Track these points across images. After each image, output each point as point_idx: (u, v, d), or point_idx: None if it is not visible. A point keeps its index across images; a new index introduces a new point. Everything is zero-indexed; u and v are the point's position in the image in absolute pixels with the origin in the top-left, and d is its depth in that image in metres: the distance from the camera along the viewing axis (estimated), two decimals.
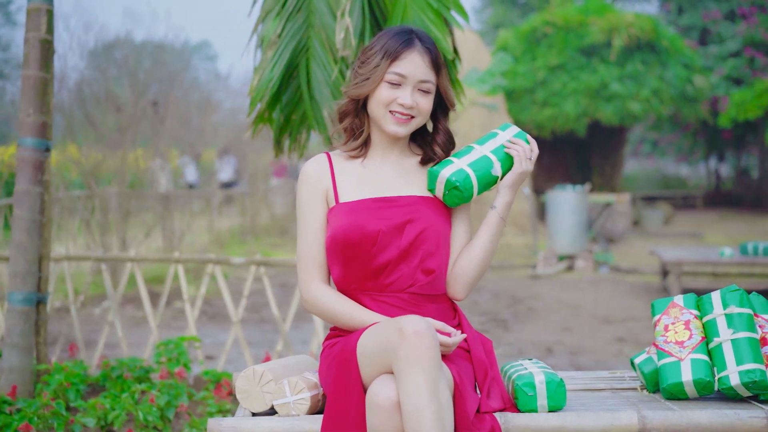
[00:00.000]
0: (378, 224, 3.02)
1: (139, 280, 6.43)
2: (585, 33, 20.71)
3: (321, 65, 5.02)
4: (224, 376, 5.64)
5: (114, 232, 11.32)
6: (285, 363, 3.21)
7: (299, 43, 5.05)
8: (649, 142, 34.45)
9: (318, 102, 5.02)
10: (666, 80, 20.93)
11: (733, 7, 27.32)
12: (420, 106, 3.08)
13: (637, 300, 11.23)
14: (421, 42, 3.09)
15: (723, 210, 26.86)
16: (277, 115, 5.16)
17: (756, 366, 3.03)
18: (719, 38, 27.07)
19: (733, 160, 35.25)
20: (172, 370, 5.52)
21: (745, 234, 19.19)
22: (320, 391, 3.06)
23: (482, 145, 3.13)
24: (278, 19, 5.08)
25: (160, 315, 6.46)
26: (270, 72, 5.01)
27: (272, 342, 8.23)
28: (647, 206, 23.37)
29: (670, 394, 3.13)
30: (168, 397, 4.96)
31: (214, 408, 5.08)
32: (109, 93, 11.92)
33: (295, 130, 5.24)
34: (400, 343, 2.68)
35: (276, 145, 5.27)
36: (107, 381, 5.54)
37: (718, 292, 3.21)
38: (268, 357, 5.81)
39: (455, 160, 3.09)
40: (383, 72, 3.07)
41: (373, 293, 3.05)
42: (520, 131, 3.17)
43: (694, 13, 28.11)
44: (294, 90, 5.14)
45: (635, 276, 13.58)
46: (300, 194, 3.16)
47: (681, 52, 21.53)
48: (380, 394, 2.71)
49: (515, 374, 3.07)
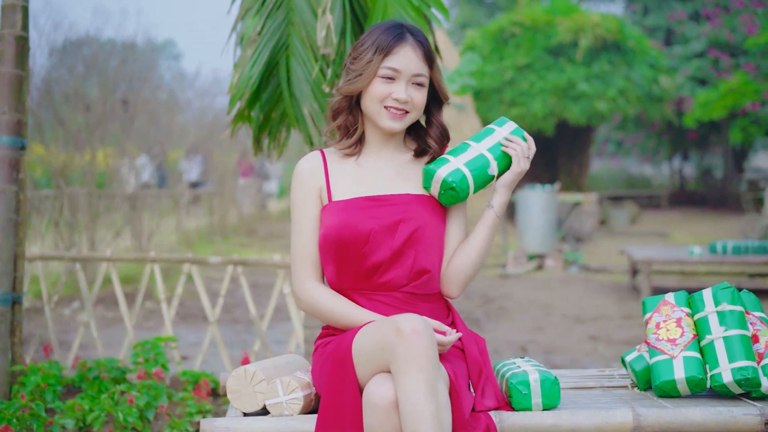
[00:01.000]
0: (370, 223, 2.99)
1: (114, 280, 6.37)
2: (552, 33, 20.78)
3: (301, 63, 4.99)
4: (203, 376, 5.61)
5: (83, 231, 11.21)
6: (275, 363, 3.18)
7: (279, 40, 5.02)
8: (613, 142, 34.65)
9: (298, 100, 4.98)
10: (632, 80, 21.06)
11: (697, 8, 27.53)
12: (414, 100, 3.05)
13: (608, 299, 11.28)
14: (413, 36, 3.07)
15: (687, 209, 27.08)
16: (257, 114, 5.12)
17: (748, 363, 3.04)
18: (684, 39, 27.27)
19: (696, 160, 35.55)
20: (149, 370, 5.47)
21: (710, 233, 19.36)
22: (313, 391, 3.04)
23: (478, 143, 3.09)
24: (258, 17, 5.04)
25: (136, 315, 6.40)
26: (250, 70, 4.97)
27: (245, 342, 8.18)
28: (613, 206, 23.51)
29: (663, 392, 3.13)
30: (147, 398, 4.90)
31: (194, 408, 5.03)
32: (78, 91, 11.80)
33: (274, 128, 5.20)
34: (398, 342, 2.66)
35: (255, 143, 5.23)
36: (84, 382, 5.48)
37: (709, 289, 3.21)
38: (246, 357, 5.77)
39: (451, 158, 3.06)
40: (376, 67, 3.04)
41: (367, 292, 3.02)
42: (517, 127, 3.14)
43: (659, 14, 28.31)
44: (274, 88, 5.10)
45: (604, 275, 13.64)
46: (294, 192, 3.13)
47: (647, 53, 21.68)
48: (377, 394, 2.68)
49: (509, 372, 3.06)
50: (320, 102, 4.97)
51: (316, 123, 4.97)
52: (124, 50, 12.97)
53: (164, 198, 15.24)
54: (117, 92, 12.09)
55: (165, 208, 15.14)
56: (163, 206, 14.84)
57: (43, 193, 11.07)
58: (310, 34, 4.95)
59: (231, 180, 19.27)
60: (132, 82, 13.01)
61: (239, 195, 20.89)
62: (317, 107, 4.96)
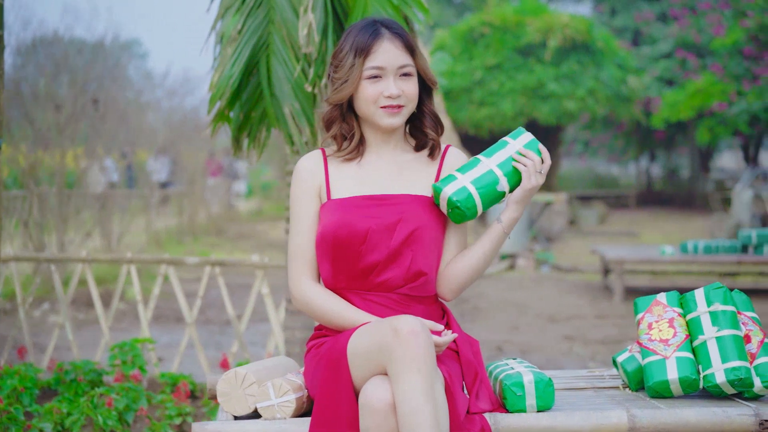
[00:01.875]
0: (368, 222, 2.96)
1: (90, 281, 6.29)
2: (521, 33, 20.86)
3: (282, 62, 4.94)
4: (182, 378, 5.55)
5: (52, 232, 11.09)
6: (266, 365, 3.13)
7: (260, 39, 4.97)
8: (580, 142, 34.83)
9: (279, 99, 4.94)
10: (601, 80, 21.18)
11: (664, 9, 27.72)
12: (406, 91, 3.01)
13: (580, 298, 11.30)
14: (389, 29, 3.03)
15: (655, 209, 27.24)
16: (236, 113, 5.07)
17: (741, 363, 3.03)
18: (651, 40, 27.45)
19: (663, 161, 35.79)
20: (127, 372, 5.42)
21: (679, 233, 19.47)
22: (305, 393, 2.99)
23: (489, 158, 3.01)
24: (238, 15, 4.99)
25: (112, 317, 6.33)
26: (230, 68, 4.92)
27: (220, 343, 8.12)
28: (583, 205, 23.60)
29: (656, 393, 3.12)
30: (126, 401, 4.85)
31: (174, 411, 4.98)
32: (47, 90, 11.67)
33: (254, 128, 5.15)
34: (396, 344, 2.63)
35: (235, 143, 5.18)
36: (60, 385, 5.42)
37: (701, 289, 3.20)
38: (225, 359, 5.72)
39: (459, 175, 2.97)
40: (360, 70, 3.01)
41: (362, 292, 2.98)
42: (532, 139, 3.04)
43: (627, 15, 28.48)
44: (254, 87, 5.05)
45: (576, 274, 13.68)
46: (293, 190, 3.10)
47: (615, 53, 21.82)
48: (374, 396, 2.65)
49: (502, 374, 3.04)
50: (301, 101, 4.93)
51: (297, 122, 4.93)
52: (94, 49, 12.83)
53: (134, 198, 15.13)
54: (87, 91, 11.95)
55: (134, 208, 15.04)
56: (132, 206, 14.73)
57: (12, 193, 10.94)
58: (291, 32, 4.91)
59: (200, 180, 19.17)
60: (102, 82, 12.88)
61: (208, 195, 20.78)
62: (298, 107, 4.92)
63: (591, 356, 7.86)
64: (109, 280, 10.80)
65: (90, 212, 12.49)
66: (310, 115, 4.96)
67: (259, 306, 9.17)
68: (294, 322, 5.19)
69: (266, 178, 29.79)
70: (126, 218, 13.37)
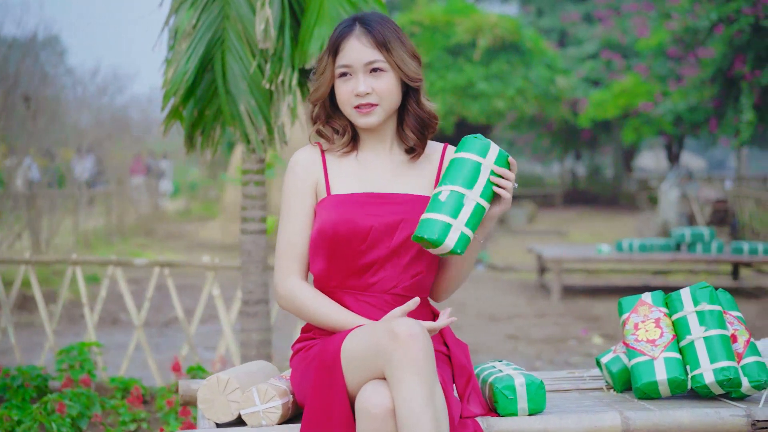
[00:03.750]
0: (370, 220, 2.87)
1: (34, 283, 6.10)
2: (451, 33, 20.91)
3: (237, 58, 4.84)
4: (134, 383, 5.40)
5: None
6: (248, 370, 3.03)
7: (215, 35, 4.87)
8: (505, 142, 35.08)
9: (234, 96, 4.84)
10: (530, 80, 21.32)
11: (590, 10, 28.03)
12: (377, 89, 2.90)
13: (519, 297, 11.34)
14: (362, 24, 2.93)
15: (581, 208, 27.56)
16: (190, 110, 4.94)
17: (729, 363, 3.01)
18: (577, 41, 27.73)
19: (586, 160, 36.22)
20: (75, 377, 5.26)
21: (606, 231, 19.71)
22: (290, 399, 2.90)
23: (471, 189, 2.80)
24: (193, 10, 4.88)
25: (57, 320, 6.14)
26: (185, 65, 4.80)
27: (159, 346, 7.95)
28: (512, 204, 23.71)
29: (643, 394, 3.08)
30: (80, 407, 4.69)
31: (128, 417, 4.85)
32: None
33: (208, 125, 5.03)
34: (394, 347, 2.54)
35: (188, 141, 5.06)
36: (6, 391, 5.24)
37: (687, 289, 3.17)
38: (177, 362, 5.58)
39: (452, 220, 2.76)
40: (332, 69, 2.95)
41: (355, 292, 2.90)
42: (500, 152, 2.86)
43: (553, 16, 28.76)
44: (208, 84, 4.94)
45: (511, 273, 13.74)
46: (288, 182, 2.99)
47: (543, 53, 21.99)
48: (372, 401, 2.56)
49: (492, 377, 2.97)
50: (257, 99, 4.83)
51: (253, 120, 4.83)
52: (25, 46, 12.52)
53: (60, 198, 14.80)
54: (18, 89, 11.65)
55: (61, 208, 14.70)
56: (59, 206, 14.40)
57: None
58: (246, 28, 4.81)
59: (128, 179, 18.86)
60: (31, 79, 12.58)
61: (134, 194, 20.45)
62: (254, 104, 4.82)
63: (536, 355, 7.86)
64: (42, 282, 10.53)
65: (16, 213, 12.17)
66: (267, 112, 4.86)
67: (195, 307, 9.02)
68: (251, 324, 5.07)
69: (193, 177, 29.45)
70: (55, 219, 13.05)
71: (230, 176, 17.09)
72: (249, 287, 5.08)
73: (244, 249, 5.09)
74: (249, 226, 5.09)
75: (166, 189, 27.99)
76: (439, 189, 2.81)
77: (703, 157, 50.54)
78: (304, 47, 4.71)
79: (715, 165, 53.99)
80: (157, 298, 9.72)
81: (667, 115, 20.69)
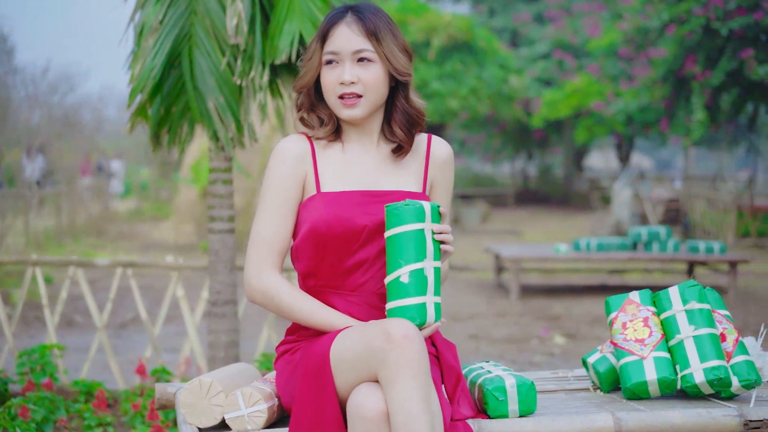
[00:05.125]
0: (364, 219, 2.78)
1: None
2: (405, 32, 20.87)
3: (205, 54, 4.75)
4: (98, 386, 5.28)
5: None
6: (229, 372, 2.94)
7: (182, 30, 4.77)
8: (456, 141, 35.14)
9: (202, 93, 4.75)
10: (483, 79, 21.38)
11: (541, 11, 28.15)
12: (363, 79, 2.80)
13: (477, 297, 11.31)
14: (354, 12, 2.84)
15: (533, 207, 27.66)
16: (156, 108, 4.84)
17: (719, 363, 2.97)
18: (529, 41, 27.84)
19: (537, 160, 36.40)
20: (37, 381, 5.13)
21: (560, 230, 19.79)
22: (276, 402, 2.81)
23: (425, 259, 2.67)
24: (159, 5, 4.78)
25: (16, 322, 6.00)
26: (152, 61, 4.70)
27: (116, 347, 7.80)
28: (465, 204, 23.78)
29: (633, 394, 3.03)
30: (44, 412, 4.57)
31: (94, 421, 4.73)
32: None
33: (175, 123, 4.93)
34: (389, 349, 2.46)
35: (153, 139, 4.95)
36: None
37: (675, 287, 3.13)
38: (141, 365, 5.46)
39: (423, 299, 2.65)
40: (319, 55, 2.85)
41: (343, 292, 2.81)
42: (432, 208, 2.72)
43: (505, 16, 28.84)
44: (175, 80, 4.84)
45: (468, 273, 13.72)
46: (274, 172, 2.85)
47: (497, 53, 22.06)
48: (366, 405, 2.48)
49: (481, 378, 2.91)
50: (226, 95, 4.74)
51: (222, 117, 4.74)
52: None
53: (10, 198, 14.54)
54: None
55: (11, 209, 14.44)
56: (8, 207, 14.14)
57: None
58: (215, 23, 4.72)
59: (79, 179, 18.58)
60: None
61: (84, 195, 20.16)
62: (223, 101, 4.73)
63: (499, 355, 7.84)
64: None
65: None
66: (236, 109, 4.77)
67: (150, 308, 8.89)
68: (219, 326, 4.97)
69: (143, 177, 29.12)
70: (6, 219, 12.81)
71: (183, 176, 16.93)
72: (217, 287, 4.98)
73: (212, 248, 4.99)
74: (216, 226, 5.00)
75: (117, 189, 27.66)
76: (398, 273, 2.66)
77: (650, 157, 51.06)
78: (274, 42, 4.62)
79: (662, 165, 54.58)
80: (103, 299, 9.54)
81: (618, 114, 20.85)
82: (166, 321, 8.31)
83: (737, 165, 50.51)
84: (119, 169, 28.57)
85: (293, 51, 4.55)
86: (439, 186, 2.98)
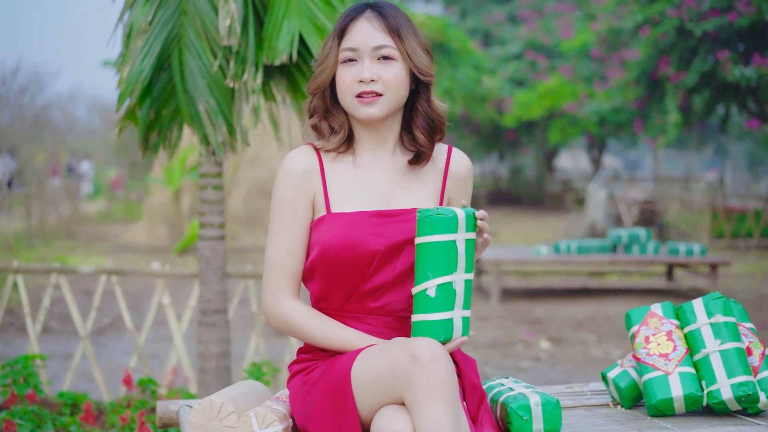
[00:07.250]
0: (376, 243, 2.61)
1: None
2: None
3: (196, 56, 4.60)
4: (84, 398, 5.12)
5: None
6: (240, 391, 2.79)
7: (171, 31, 4.62)
8: None
9: (192, 96, 4.60)
10: (457, 80, 21.31)
11: (513, 11, 28.12)
12: (384, 77, 2.64)
13: None
14: (373, 8, 2.69)
15: (506, 208, 27.58)
16: (145, 111, 4.69)
17: (747, 378, 2.86)
18: (501, 41, 27.80)
19: (509, 160, 36.40)
20: (21, 393, 4.96)
21: (535, 232, 19.75)
22: (290, 423, 2.68)
23: (455, 272, 2.52)
24: (149, 6, 4.63)
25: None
26: (141, 63, 4.55)
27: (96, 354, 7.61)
28: None
29: (657, 411, 2.91)
30: (31, 426, 4.41)
31: None
32: None
33: (165, 126, 4.79)
34: (415, 371, 2.33)
35: (143, 143, 4.80)
36: None
37: (699, 300, 3.01)
38: (128, 375, 5.31)
39: (450, 314, 2.52)
40: (336, 52, 2.68)
41: (358, 315, 2.66)
42: (467, 218, 2.54)
43: (477, 16, 28.77)
44: (165, 83, 4.69)
45: None
46: (281, 191, 2.70)
47: (470, 54, 22.01)
48: (392, 428, 2.34)
49: (503, 396, 2.78)
50: (217, 98, 4.60)
51: (213, 120, 4.60)
52: None
53: None
54: None
55: None
56: None
57: None
58: (205, 24, 4.58)
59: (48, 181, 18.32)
60: None
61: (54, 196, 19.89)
62: (214, 104, 4.59)
63: (485, 360, 7.75)
64: None
65: None
66: (227, 112, 4.63)
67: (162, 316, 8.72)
68: (209, 335, 4.83)
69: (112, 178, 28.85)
70: None
71: (156, 178, 16.71)
72: (207, 296, 4.83)
73: (202, 256, 4.85)
74: (207, 232, 4.85)
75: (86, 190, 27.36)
76: (425, 285, 2.51)
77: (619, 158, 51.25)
78: (272, 43, 4.48)
79: (631, 166, 54.81)
80: (86, 305, 9.34)
81: (591, 115, 20.84)
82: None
83: (705, 165, 50.86)
84: (88, 170, 28.26)
85: (293, 51, 4.42)
86: (455, 203, 2.81)
